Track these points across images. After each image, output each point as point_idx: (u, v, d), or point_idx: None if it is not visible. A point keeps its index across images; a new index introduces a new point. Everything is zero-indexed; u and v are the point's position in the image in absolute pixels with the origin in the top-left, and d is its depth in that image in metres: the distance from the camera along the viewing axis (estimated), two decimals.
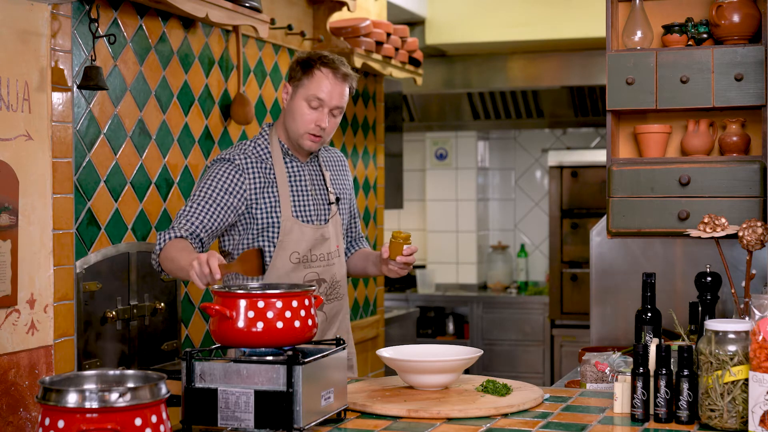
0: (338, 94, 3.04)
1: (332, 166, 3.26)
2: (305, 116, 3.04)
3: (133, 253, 3.35)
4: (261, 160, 3.07)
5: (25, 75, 2.77)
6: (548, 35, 6.46)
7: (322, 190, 3.16)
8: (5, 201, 2.68)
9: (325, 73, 3.04)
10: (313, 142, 3.06)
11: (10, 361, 2.69)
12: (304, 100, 3.04)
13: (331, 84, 3.03)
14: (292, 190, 3.09)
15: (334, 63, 3.06)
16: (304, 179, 3.13)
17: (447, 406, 2.55)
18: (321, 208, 3.13)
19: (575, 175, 7.07)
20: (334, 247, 3.16)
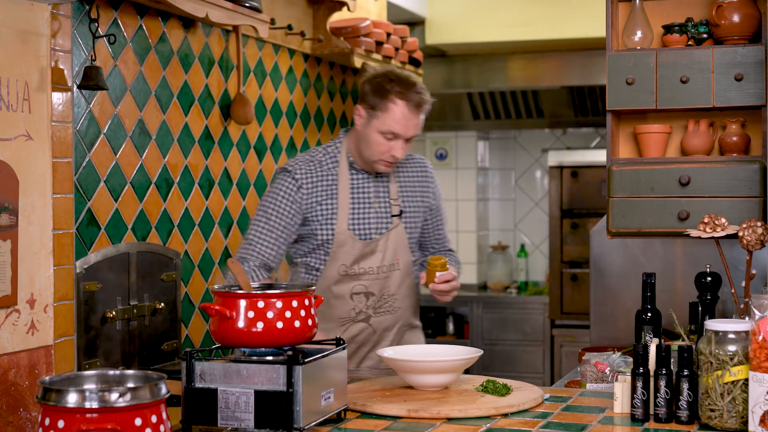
0: (414, 126, 3.05)
1: (406, 177, 3.25)
2: (380, 146, 3.06)
3: (133, 253, 3.35)
4: (325, 170, 3.14)
5: (25, 75, 2.77)
6: (548, 35, 6.46)
7: (385, 203, 3.17)
8: (5, 201, 2.68)
9: (400, 107, 3.02)
10: (387, 167, 3.11)
11: (10, 361, 2.69)
12: (378, 132, 3.05)
13: (407, 118, 3.03)
14: (352, 203, 3.13)
15: (408, 92, 3.02)
16: (368, 191, 3.15)
17: (447, 406, 2.55)
18: (382, 221, 3.16)
19: (575, 175, 7.07)
20: (389, 260, 3.16)
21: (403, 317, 3.27)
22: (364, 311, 3.20)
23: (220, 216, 3.89)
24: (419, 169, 3.31)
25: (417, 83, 3.08)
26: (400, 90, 3.04)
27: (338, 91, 4.95)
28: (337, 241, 3.11)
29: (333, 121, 4.89)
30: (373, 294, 3.17)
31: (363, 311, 3.20)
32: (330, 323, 3.22)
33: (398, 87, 3.04)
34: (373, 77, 3.10)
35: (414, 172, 3.29)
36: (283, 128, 4.40)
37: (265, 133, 4.24)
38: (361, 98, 3.12)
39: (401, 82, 3.05)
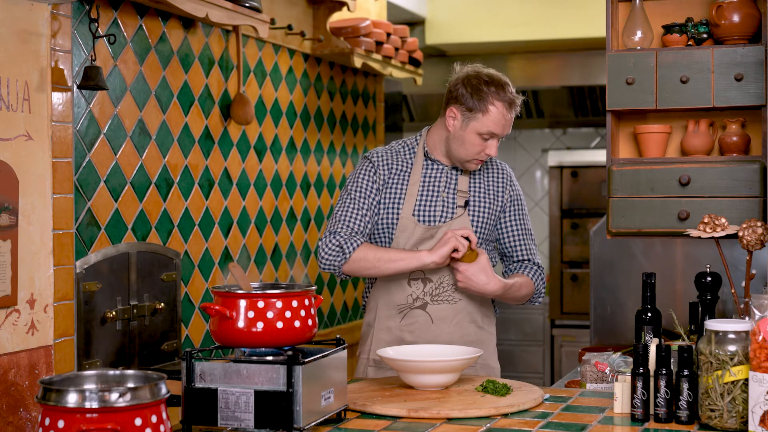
0: (510, 124, 3.16)
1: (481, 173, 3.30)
2: (476, 146, 3.15)
3: (133, 253, 3.35)
4: (401, 159, 3.24)
5: (25, 75, 2.77)
6: (548, 35, 6.46)
7: (453, 193, 3.24)
8: (5, 201, 2.68)
9: (500, 108, 3.12)
10: (477, 165, 3.21)
11: (10, 361, 2.69)
12: (477, 134, 3.13)
13: (505, 118, 3.13)
14: (421, 190, 3.21)
15: (504, 93, 3.13)
16: (437, 181, 3.23)
17: (447, 406, 2.55)
18: (448, 210, 3.22)
19: (575, 175, 7.07)
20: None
21: (464, 311, 3.23)
22: (421, 298, 3.21)
23: (220, 216, 3.89)
24: (497, 171, 3.36)
25: (508, 82, 3.19)
26: (497, 91, 3.13)
27: (338, 91, 4.95)
28: (400, 226, 3.19)
29: (333, 121, 4.89)
30: (430, 280, 3.19)
31: (420, 298, 3.21)
32: (389, 310, 3.25)
33: (494, 88, 3.13)
34: (467, 79, 3.18)
35: (491, 171, 3.35)
36: (283, 128, 4.40)
37: (265, 133, 4.24)
38: (455, 100, 3.19)
39: (496, 83, 3.14)
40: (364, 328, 3.36)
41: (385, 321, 3.25)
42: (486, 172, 3.34)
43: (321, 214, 4.75)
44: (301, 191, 4.56)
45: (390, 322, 3.25)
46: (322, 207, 4.76)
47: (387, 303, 3.26)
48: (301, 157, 4.56)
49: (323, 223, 4.78)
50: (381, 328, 3.26)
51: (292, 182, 4.47)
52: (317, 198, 4.72)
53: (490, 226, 3.30)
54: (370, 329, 3.31)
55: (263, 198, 4.22)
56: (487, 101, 3.13)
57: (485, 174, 3.33)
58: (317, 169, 4.72)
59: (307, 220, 4.61)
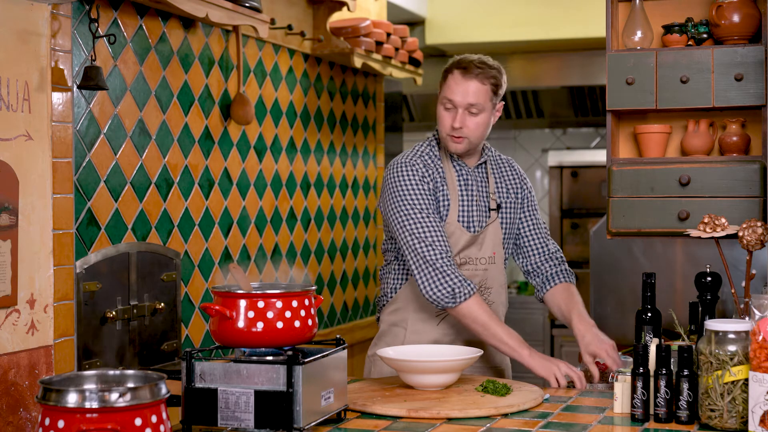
0: (467, 92, 3.13)
1: (499, 171, 3.33)
2: (442, 118, 3.17)
3: (133, 253, 3.35)
4: (435, 163, 3.20)
5: (25, 75, 2.77)
6: (548, 35, 6.46)
7: (485, 196, 3.24)
8: (5, 201, 2.68)
9: (455, 75, 3.17)
10: (456, 143, 3.16)
11: (10, 361, 2.69)
12: (440, 104, 3.19)
13: (458, 84, 3.14)
14: (461, 196, 3.20)
15: (465, 64, 3.17)
16: (471, 184, 3.23)
17: (447, 406, 2.55)
18: (483, 214, 3.22)
19: (575, 175, 7.07)
20: (488, 253, 3.21)
21: (496, 313, 3.24)
22: None
23: (220, 216, 3.89)
24: (509, 168, 3.40)
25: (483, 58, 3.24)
26: (455, 62, 3.21)
27: (338, 91, 4.95)
28: (447, 232, 3.16)
29: (333, 121, 4.89)
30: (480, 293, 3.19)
31: None
32: (425, 313, 3.22)
33: (458, 62, 3.20)
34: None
35: (506, 169, 3.38)
36: (283, 128, 4.40)
37: (265, 133, 4.24)
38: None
39: (464, 58, 3.22)
40: (386, 327, 3.29)
41: (420, 324, 3.22)
42: (504, 170, 3.36)
43: (321, 214, 4.75)
44: (301, 191, 4.56)
45: (425, 324, 3.22)
46: (322, 207, 4.76)
47: (425, 306, 3.21)
48: (301, 157, 4.56)
49: (323, 223, 4.78)
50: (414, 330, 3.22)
51: (292, 182, 4.47)
52: (317, 198, 4.71)
53: (514, 227, 3.33)
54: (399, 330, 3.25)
55: (263, 198, 4.22)
56: (446, 72, 3.21)
57: (504, 172, 3.35)
58: (317, 169, 4.72)
59: (307, 220, 4.61)
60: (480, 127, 3.18)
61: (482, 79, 3.17)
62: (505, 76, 3.28)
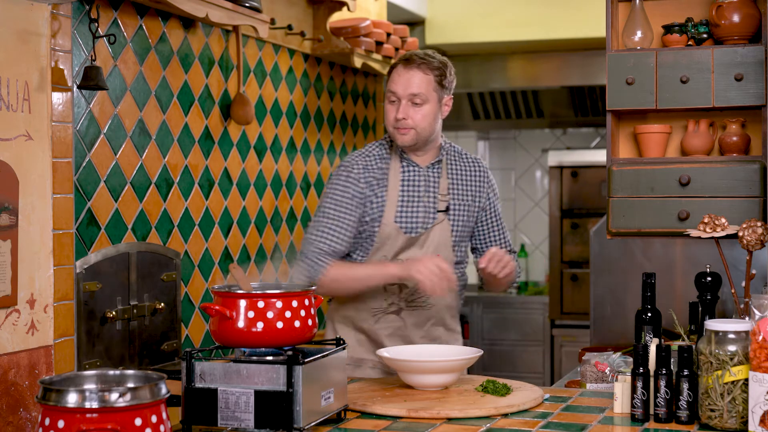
0: (408, 83, 3.12)
1: (459, 172, 3.27)
2: (387, 112, 3.18)
3: (133, 253, 3.35)
4: (379, 164, 3.18)
5: (25, 75, 2.77)
6: (548, 35, 6.46)
7: (433, 198, 3.19)
8: (5, 201, 2.68)
9: (397, 68, 3.17)
10: (402, 135, 3.14)
11: (10, 361, 2.69)
12: (386, 99, 3.19)
13: (400, 75, 3.14)
14: (401, 195, 3.15)
15: (408, 57, 3.18)
16: (417, 185, 3.19)
17: (447, 406, 2.55)
18: (429, 215, 3.17)
19: (575, 175, 7.06)
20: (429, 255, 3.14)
21: (437, 316, 3.23)
22: (396, 303, 3.20)
23: (220, 216, 3.89)
24: (474, 169, 3.33)
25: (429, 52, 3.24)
26: (400, 57, 3.21)
27: (338, 91, 4.95)
28: (382, 234, 3.14)
29: (333, 121, 4.89)
30: (406, 286, 3.17)
31: (395, 303, 3.21)
32: (363, 313, 3.24)
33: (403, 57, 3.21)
34: None
35: (468, 170, 3.31)
36: (283, 128, 4.40)
37: (265, 133, 4.24)
38: None
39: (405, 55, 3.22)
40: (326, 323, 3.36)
41: (359, 323, 3.25)
42: (464, 171, 3.29)
43: None
44: (301, 191, 4.56)
45: (363, 325, 3.25)
46: None
47: (362, 307, 3.24)
48: (301, 157, 4.56)
49: None
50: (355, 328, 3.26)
51: (292, 182, 4.47)
52: (317, 198, 4.71)
53: (468, 230, 3.28)
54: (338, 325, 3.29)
55: (263, 198, 4.22)
56: (391, 68, 3.22)
57: (464, 173, 3.29)
58: (317, 169, 4.72)
59: (307, 219, 4.61)
60: (426, 119, 3.15)
61: (425, 70, 3.16)
62: (452, 70, 3.28)
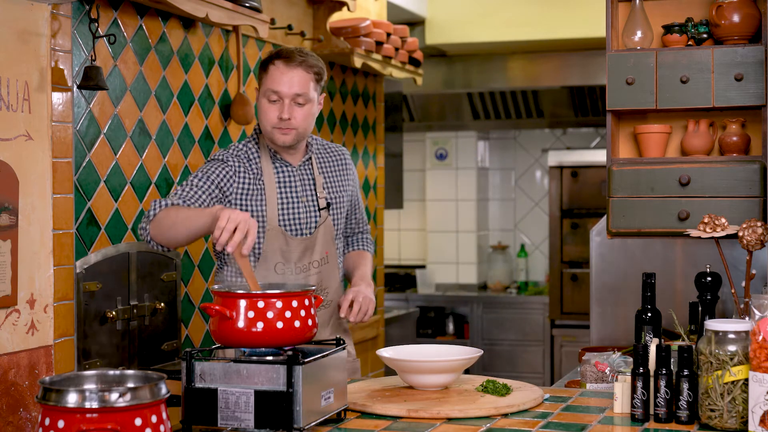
0: (292, 82, 2.96)
1: (329, 166, 3.17)
2: (267, 112, 2.99)
3: (133, 253, 3.35)
4: (251, 164, 3.02)
5: (25, 75, 2.77)
6: (548, 35, 6.46)
7: (312, 196, 3.08)
8: (5, 201, 2.68)
9: (278, 65, 2.98)
10: (284, 135, 2.99)
11: (10, 361, 2.69)
12: (264, 97, 3.00)
13: (283, 73, 2.97)
14: (280, 197, 3.03)
15: (287, 53, 2.99)
16: (294, 185, 3.06)
17: (447, 406, 2.55)
18: (311, 215, 3.07)
19: (575, 175, 7.07)
20: (321, 254, 3.08)
21: (336, 312, 3.16)
22: None
23: None
24: (338, 158, 3.22)
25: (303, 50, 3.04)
26: (280, 54, 3.02)
27: (338, 91, 4.95)
28: (268, 238, 2.99)
29: (333, 121, 4.89)
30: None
31: None
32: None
33: (280, 53, 3.02)
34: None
35: (334, 161, 3.20)
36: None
37: None
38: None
39: (284, 49, 3.03)
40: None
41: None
42: (332, 163, 3.19)
43: None
44: None
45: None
46: None
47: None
48: None
49: None
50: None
51: None
52: None
53: (344, 221, 3.22)
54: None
55: None
56: (267, 63, 3.02)
57: (332, 165, 3.18)
58: None
59: None
60: (307, 118, 3.01)
61: (306, 68, 2.99)
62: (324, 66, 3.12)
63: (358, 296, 3.03)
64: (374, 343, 5.34)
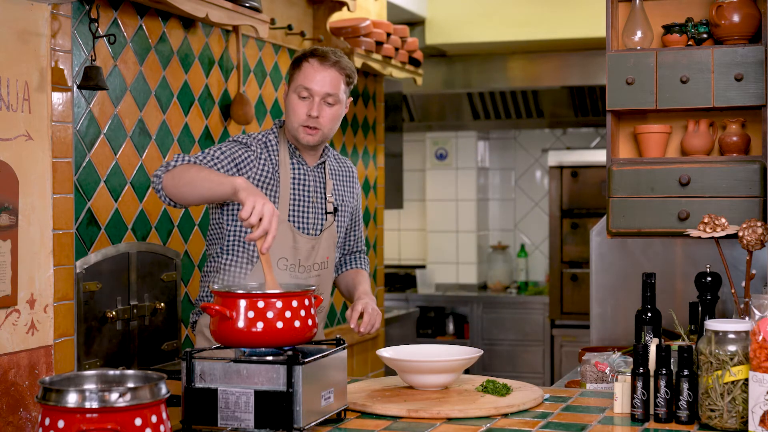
0: (325, 81, 2.96)
1: (338, 175, 3.17)
2: (296, 108, 2.97)
3: (133, 253, 3.35)
4: (270, 155, 3.00)
5: (25, 75, 2.77)
6: (548, 35, 6.47)
7: (321, 199, 3.07)
8: (5, 201, 2.68)
9: (312, 63, 2.97)
10: (310, 135, 2.98)
11: (10, 361, 2.69)
12: (294, 92, 2.99)
13: (317, 71, 2.96)
14: (293, 194, 3.01)
15: (322, 53, 2.99)
16: (307, 184, 3.04)
17: (447, 406, 2.55)
18: (319, 217, 3.05)
19: (575, 175, 7.07)
20: (322, 258, 3.05)
21: (324, 319, 3.14)
22: None
23: None
24: (347, 170, 3.22)
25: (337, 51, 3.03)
26: (311, 51, 3.01)
27: None
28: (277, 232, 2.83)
29: None
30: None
31: None
32: None
33: (315, 51, 3.01)
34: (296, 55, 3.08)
35: (344, 172, 3.19)
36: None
37: None
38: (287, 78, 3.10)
39: (319, 48, 3.02)
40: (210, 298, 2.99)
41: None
42: (342, 172, 3.17)
43: None
44: None
45: None
46: None
47: None
48: None
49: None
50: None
51: None
52: None
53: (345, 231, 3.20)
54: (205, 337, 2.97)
55: None
56: (301, 60, 3.00)
57: (342, 174, 3.17)
58: None
59: None
60: (334, 120, 3.00)
61: (339, 69, 2.98)
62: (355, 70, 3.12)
63: (367, 308, 2.99)
64: (374, 343, 5.34)
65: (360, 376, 5.04)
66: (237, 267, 2.99)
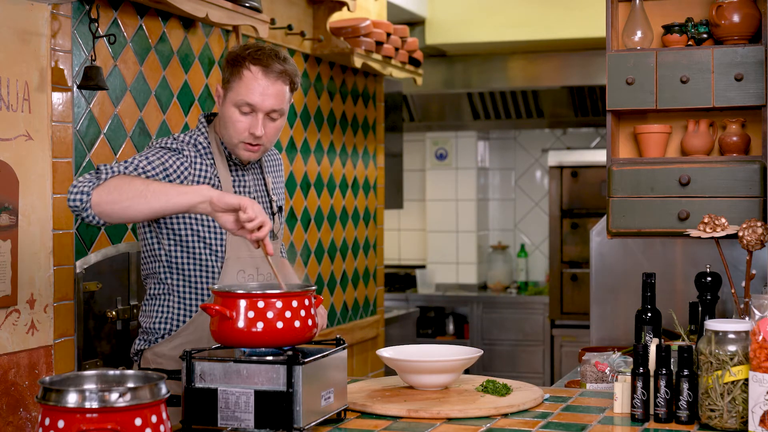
0: (272, 96, 2.62)
1: (272, 167, 2.90)
2: (237, 124, 2.62)
3: (133, 253, 3.35)
4: (203, 160, 2.67)
5: (25, 75, 2.77)
6: (548, 35, 6.47)
7: (265, 198, 2.82)
8: (5, 201, 2.68)
9: (254, 73, 2.61)
10: (251, 152, 2.66)
11: (10, 361, 2.70)
12: (234, 105, 2.62)
13: (260, 84, 2.61)
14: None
15: (265, 59, 2.63)
16: (248, 186, 2.76)
17: (447, 406, 2.55)
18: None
19: (575, 175, 7.07)
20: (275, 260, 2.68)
21: None
22: None
23: None
24: (275, 159, 2.92)
25: (279, 51, 2.68)
26: (256, 57, 2.63)
27: (338, 91, 4.95)
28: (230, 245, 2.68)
29: (333, 121, 4.89)
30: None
31: None
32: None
33: (251, 52, 2.64)
34: (231, 52, 2.69)
35: (274, 162, 2.91)
36: (283, 128, 4.40)
37: None
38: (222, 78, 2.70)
39: (259, 49, 2.65)
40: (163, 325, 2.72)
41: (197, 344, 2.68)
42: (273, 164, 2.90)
43: (321, 214, 4.75)
44: (301, 191, 4.56)
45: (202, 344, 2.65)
46: (322, 207, 4.76)
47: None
48: (301, 157, 4.56)
49: (323, 223, 4.78)
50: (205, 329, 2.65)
51: (292, 182, 4.47)
52: (317, 198, 4.72)
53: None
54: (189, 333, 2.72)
55: None
56: (242, 67, 2.61)
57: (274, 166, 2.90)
58: (317, 169, 4.72)
59: (307, 220, 4.61)
60: (278, 132, 2.70)
61: (284, 80, 2.65)
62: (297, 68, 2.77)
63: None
64: (374, 343, 5.34)
65: (360, 376, 5.04)
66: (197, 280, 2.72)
